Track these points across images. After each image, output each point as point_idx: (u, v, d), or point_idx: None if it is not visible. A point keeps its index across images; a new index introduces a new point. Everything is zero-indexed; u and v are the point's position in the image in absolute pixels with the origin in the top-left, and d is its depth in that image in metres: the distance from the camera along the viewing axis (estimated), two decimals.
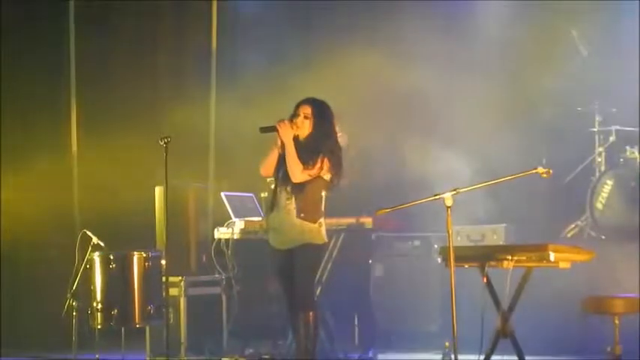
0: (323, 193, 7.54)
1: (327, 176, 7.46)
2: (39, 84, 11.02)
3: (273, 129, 7.44)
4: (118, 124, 10.77)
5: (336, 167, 7.48)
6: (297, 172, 7.37)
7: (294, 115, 7.53)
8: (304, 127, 7.50)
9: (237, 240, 9.20)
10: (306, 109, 7.52)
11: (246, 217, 9.23)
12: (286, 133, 7.42)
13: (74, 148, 11.06)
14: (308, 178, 7.40)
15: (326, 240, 7.63)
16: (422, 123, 10.52)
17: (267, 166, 7.60)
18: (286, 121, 7.46)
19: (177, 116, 10.85)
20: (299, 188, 7.41)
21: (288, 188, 7.44)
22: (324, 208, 7.61)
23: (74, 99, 11.11)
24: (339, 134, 8.77)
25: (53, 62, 11.20)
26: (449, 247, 6.60)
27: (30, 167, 10.69)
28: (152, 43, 11.64)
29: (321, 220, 7.50)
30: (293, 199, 7.41)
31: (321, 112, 7.54)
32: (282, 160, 7.50)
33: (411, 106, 10.58)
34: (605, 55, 10.08)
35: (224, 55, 11.49)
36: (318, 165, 7.41)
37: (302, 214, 7.39)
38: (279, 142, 7.47)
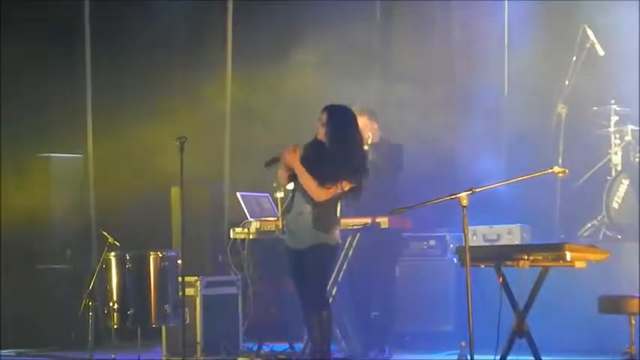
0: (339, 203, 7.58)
1: (346, 187, 7.48)
2: (54, 83, 11.05)
3: (276, 160, 7.49)
4: (133, 124, 10.81)
5: (355, 179, 7.48)
6: (316, 191, 7.39)
7: (319, 119, 7.61)
8: (321, 133, 7.56)
9: (252, 240, 9.21)
10: (323, 116, 7.57)
11: (262, 217, 9.24)
12: (291, 160, 7.46)
13: (90, 147, 11.10)
14: (330, 194, 7.42)
15: (339, 241, 7.64)
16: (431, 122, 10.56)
17: (281, 178, 7.66)
18: (289, 149, 7.49)
19: (192, 115, 10.88)
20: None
21: (307, 195, 7.46)
22: (341, 209, 7.64)
23: (89, 98, 11.15)
24: (370, 133, 8.81)
25: (68, 61, 11.25)
26: (465, 246, 6.60)
27: (46, 167, 10.73)
28: (167, 42, 11.67)
29: (336, 226, 7.53)
30: (309, 206, 7.43)
31: (336, 119, 7.55)
32: (309, 160, 7.53)
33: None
34: (620, 54, 10.06)
35: (240, 52, 11.51)
36: (339, 186, 7.43)
37: (317, 224, 7.41)
38: (283, 167, 7.54)
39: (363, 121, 8.58)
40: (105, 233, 8.88)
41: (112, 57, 11.37)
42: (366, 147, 8.51)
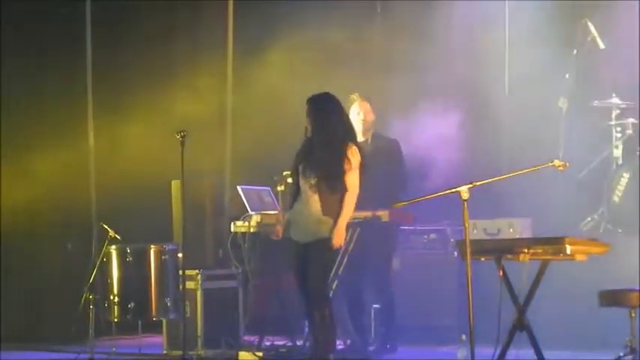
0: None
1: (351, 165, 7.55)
2: (54, 77, 11.05)
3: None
4: (134, 117, 10.82)
5: (342, 162, 7.50)
6: (353, 198, 7.52)
7: None
8: (309, 125, 7.60)
9: (253, 233, 9.20)
10: (306, 108, 7.57)
11: (263, 210, 9.23)
12: (340, 241, 7.62)
13: (91, 141, 11.10)
14: (355, 184, 7.49)
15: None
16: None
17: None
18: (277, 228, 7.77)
19: (193, 109, 10.88)
20: (325, 185, 7.43)
21: (312, 182, 7.45)
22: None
23: (90, 92, 11.15)
24: (370, 119, 8.78)
25: (69, 55, 11.24)
26: (465, 240, 6.60)
27: (47, 161, 10.73)
28: (168, 34, 11.67)
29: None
30: (317, 194, 7.43)
31: (314, 109, 7.60)
32: (303, 152, 7.53)
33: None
34: (622, 48, 10.05)
35: (240, 45, 11.50)
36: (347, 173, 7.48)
37: (327, 212, 7.42)
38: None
39: (365, 107, 8.76)
40: (105, 226, 8.88)
41: (112, 50, 11.36)
42: (367, 137, 8.60)
